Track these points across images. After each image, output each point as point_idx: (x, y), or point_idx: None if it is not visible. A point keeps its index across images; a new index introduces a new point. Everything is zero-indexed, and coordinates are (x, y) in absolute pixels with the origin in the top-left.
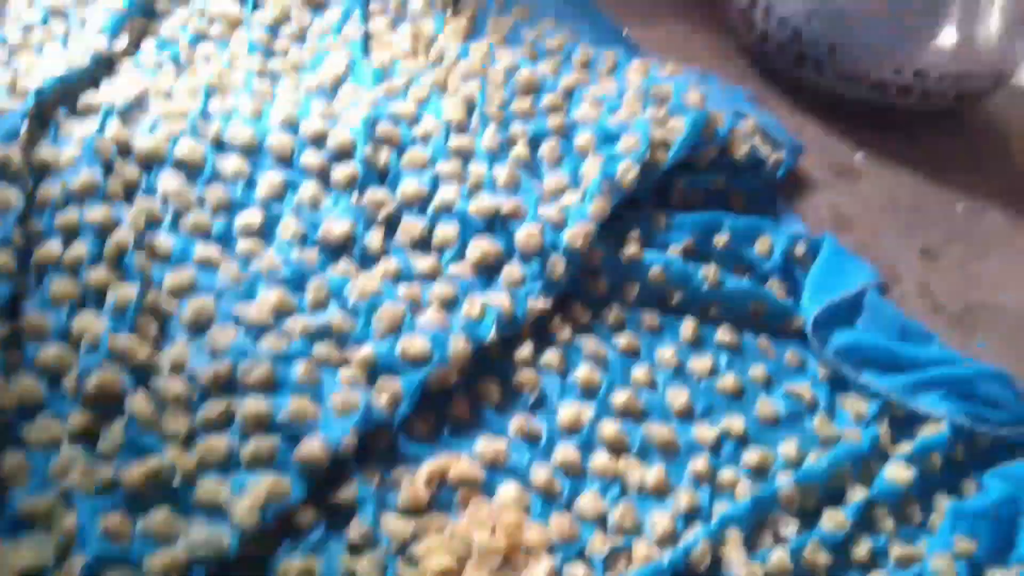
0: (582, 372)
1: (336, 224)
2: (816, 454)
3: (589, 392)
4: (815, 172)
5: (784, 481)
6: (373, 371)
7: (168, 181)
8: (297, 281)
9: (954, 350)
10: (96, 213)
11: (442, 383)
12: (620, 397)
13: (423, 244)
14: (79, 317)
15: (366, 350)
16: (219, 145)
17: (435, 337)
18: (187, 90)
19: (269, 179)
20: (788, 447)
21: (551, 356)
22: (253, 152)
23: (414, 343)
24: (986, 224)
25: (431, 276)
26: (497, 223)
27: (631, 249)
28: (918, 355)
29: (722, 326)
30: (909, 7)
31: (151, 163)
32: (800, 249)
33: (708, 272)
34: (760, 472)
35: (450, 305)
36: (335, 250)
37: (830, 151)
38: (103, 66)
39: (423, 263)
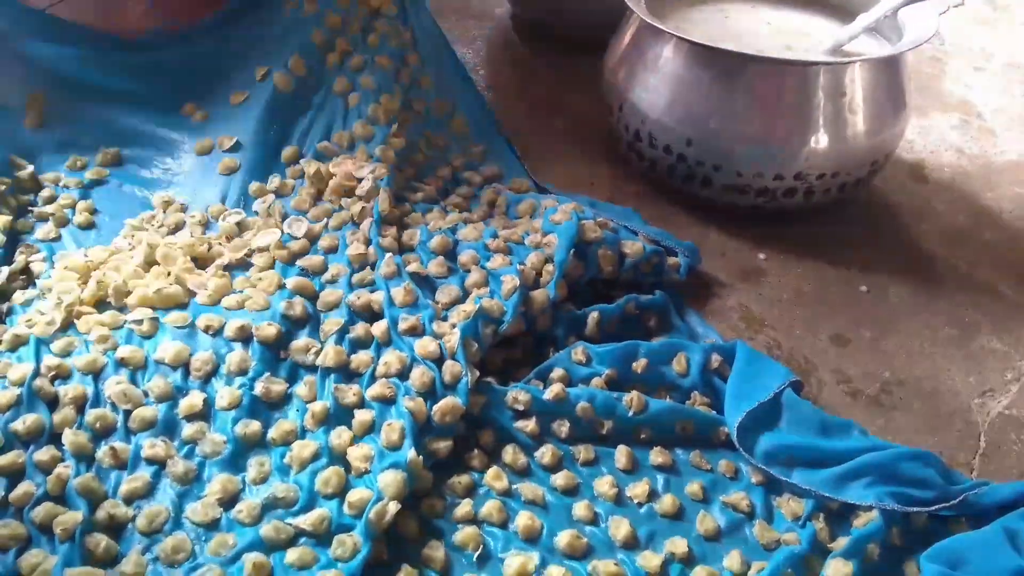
0: (522, 520)
1: (274, 385)
2: (759, 563)
3: (532, 539)
4: (722, 277)
5: None
6: (328, 532)
7: (112, 386)
8: (240, 460)
9: (875, 433)
10: (42, 453)
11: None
12: (563, 539)
13: (345, 371)
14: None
15: (318, 513)
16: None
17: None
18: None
19: (201, 358)
20: (732, 560)
21: (490, 508)
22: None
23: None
24: (891, 301)
25: (355, 406)
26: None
27: (555, 389)
28: (840, 447)
29: (654, 449)
30: (777, 123)
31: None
32: (715, 360)
33: (632, 399)
34: None
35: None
36: (274, 405)
37: (733, 256)
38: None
39: (348, 395)
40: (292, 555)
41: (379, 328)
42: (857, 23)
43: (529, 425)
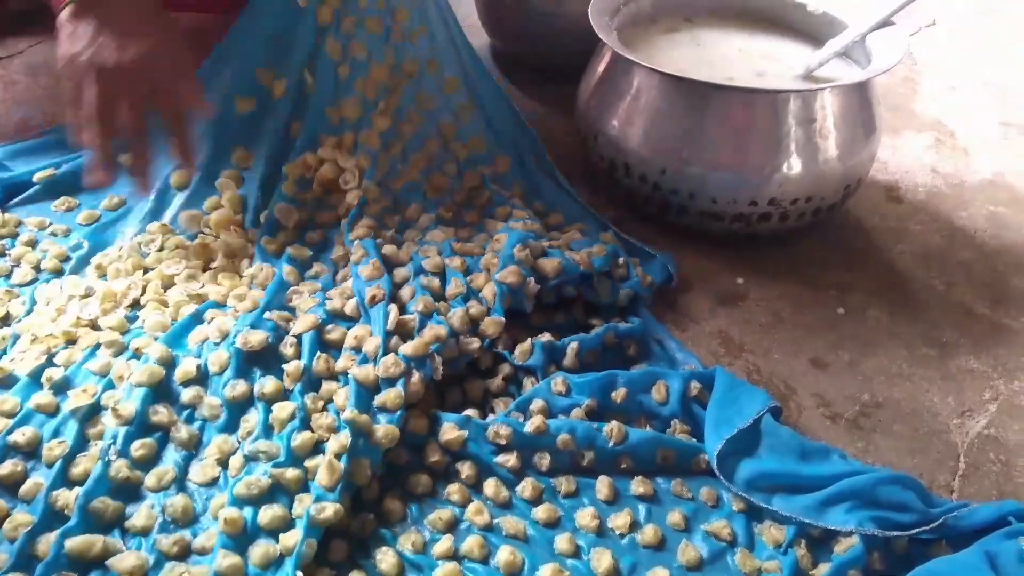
0: (504, 554)
1: (252, 335)
2: None
3: (513, 574)
4: (701, 303)
5: None
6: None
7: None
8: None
9: (855, 456)
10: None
11: None
12: (545, 573)
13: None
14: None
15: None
16: None
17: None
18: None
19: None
20: None
21: (471, 543)
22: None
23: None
24: (869, 323)
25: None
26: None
27: (536, 422)
28: (820, 472)
29: (635, 478)
30: (749, 150)
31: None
32: (695, 387)
33: (612, 429)
34: None
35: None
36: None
37: (711, 281)
38: None
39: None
40: (264, 515)
41: (351, 306)
42: (827, 48)
43: (511, 460)
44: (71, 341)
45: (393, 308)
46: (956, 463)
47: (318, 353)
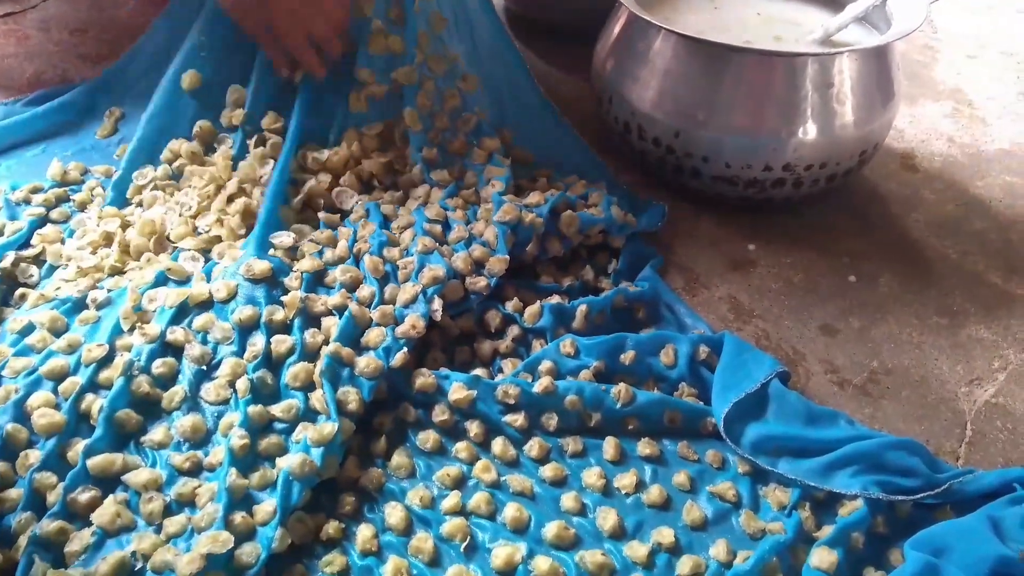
0: (510, 511)
1: (256, 264)
2: (745, 552)
3: (519, 530)
4: (712, 268)
5: None
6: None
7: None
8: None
9: (863, 422)
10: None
11: None
12: (551, 530)
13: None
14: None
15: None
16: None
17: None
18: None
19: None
20: (718, 549)
21: (478, 499)
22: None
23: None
24: (880, 290)
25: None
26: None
27: (544, 382)
28: (826, 436)
29: (642, 440)
30: (765, 114)
31: None
32: (703, 351)
33: (619, 391)
34: None
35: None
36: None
37: (723, 246)
38: None
39: (317, 304)
40: (262, 443)
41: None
42: (846, 13)
43: (518, 419)
44: (115, 272)
45: (372, 258)
46: (963, 430)
47: (315, 291)
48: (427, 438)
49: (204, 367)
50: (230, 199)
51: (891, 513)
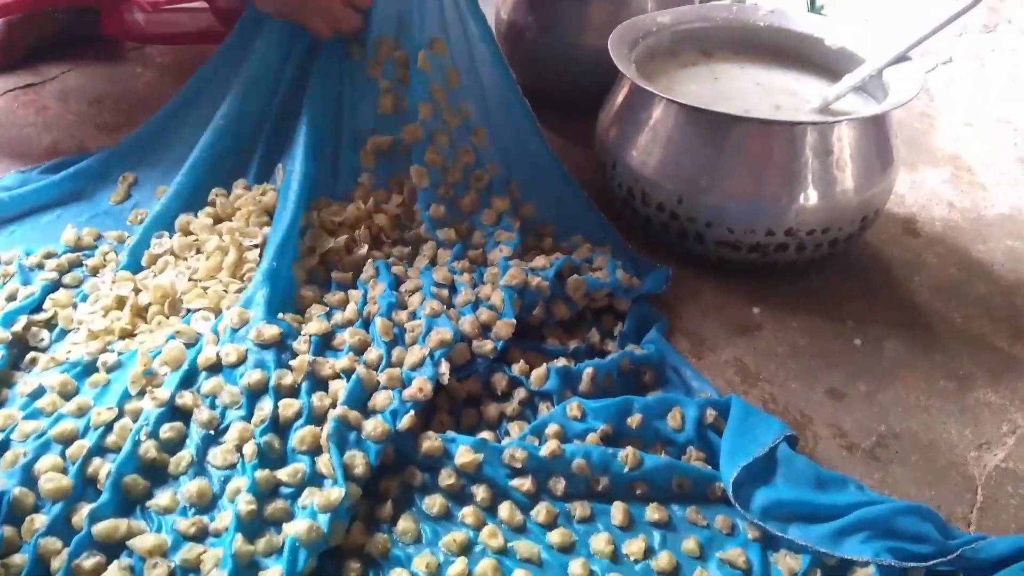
0: None
1: (266, 330)
2: None
3: None
4: (717, 332)
5: None
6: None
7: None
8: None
9: (872, 487)
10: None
11: None
12: None
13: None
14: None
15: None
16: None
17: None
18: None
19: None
20: None
21: (485, 566)
22: None
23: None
24: (886, 354)
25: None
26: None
27: (551, 446)
28: (836, 502)
29: (650, 505)
30: (766, 181)
31: None
32: (710, 415)
33: (627, 455)
34: None
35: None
36: (268, 346)
37: (728, 310)
38: None
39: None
40: (268, 508)
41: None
42: (844, 82)
43: (526, 484)
44: (125, 336)
45: (383, 320)
46: (974, 495)
47: (323, 354)
48: (433, 503)
49: (212, 431)
50: (240, 261)
51: None
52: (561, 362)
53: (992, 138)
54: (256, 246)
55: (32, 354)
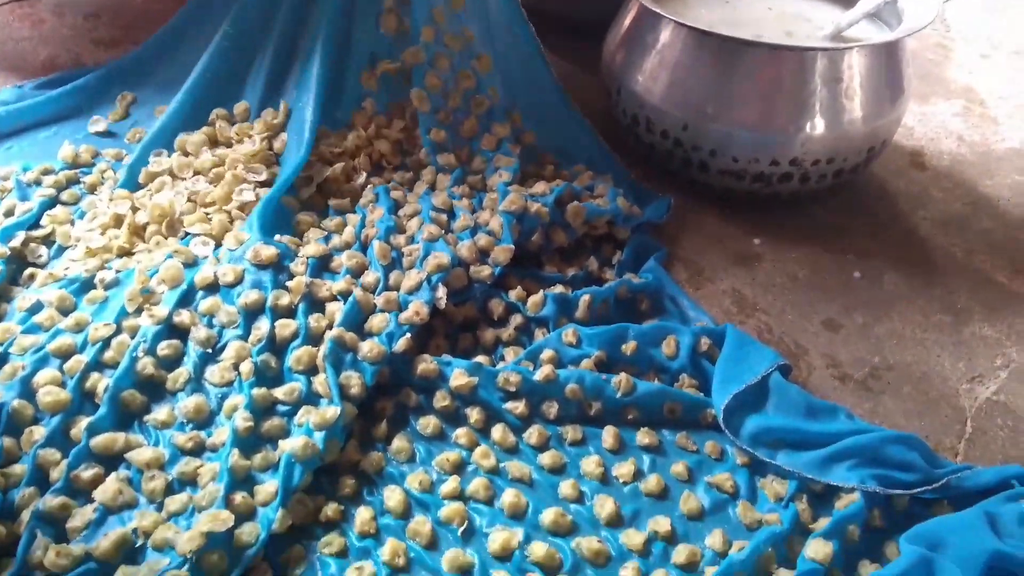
0: (508, 497)
1: (263, 250)
2: (740, 542)
3: (517, 515)
4: (716, 263)
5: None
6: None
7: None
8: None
9: (863, 417)
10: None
11: None
12: (548, 516)
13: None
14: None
15: (294, 386)
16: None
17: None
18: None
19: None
20: (714, 539)
21: (476, 485)
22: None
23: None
24: (885, 287)
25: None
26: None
27: (545, 371)
28: (826, 430)
29: (641, 430)
30: (773, 109)
31: None
32: (705, 343)
33: (620, 380)
34: (689, 568)
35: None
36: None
37: (728, 241)
38: None
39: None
40: (265, 425)
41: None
42: (857, 9)
43: (519, 407)
44: (123, 254)
45: (381, 244)
46: (963, 427)
47: (320, 277)
48: (428, 423)
49: (209, 350)
50: (238, 188)
51: (888, 507)
52: (558, 289)
53: (1008, 71)
54: (262, 183)
55: (30, 270)
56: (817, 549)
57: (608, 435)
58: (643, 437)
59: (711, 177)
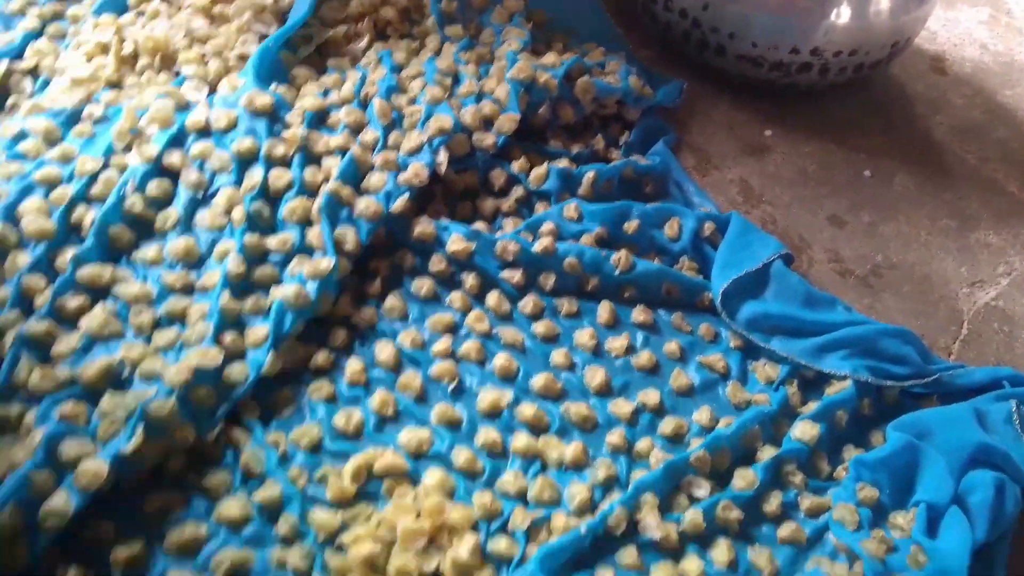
0: (500, 360)
1: (258, 98)
2: (728, 419)
3: (507, 378)
4: (726, 151)
5: (696, 447)
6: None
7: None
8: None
9: (860, 312)
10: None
11: None
12: (538, 381)
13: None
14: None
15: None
16: None
17: None
18: None
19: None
20: (702, 415)
21: (469, 347)
22: None
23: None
24: (894, 188)
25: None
26: None
27: (544, 242)
28: (823, 319)
29: (637, 307)
30: None
31: None
32: (708, 228)
33: (620, 257)
34: (675, 440)
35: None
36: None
37: (740, 130)
38: None
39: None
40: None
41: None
42: None
43: (516, 276)
44: (112, 85)
45: (381, 102)
46: (959, 329)
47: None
48: (422, 285)
49: (200, 194)
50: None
51: (878, 398)
52: (563, 163)
53: None
54: (265, 38)
55: (13, 98)
56: (804, 430)
57: (603, 310)
58: (638, 314)
59: (727, 62)
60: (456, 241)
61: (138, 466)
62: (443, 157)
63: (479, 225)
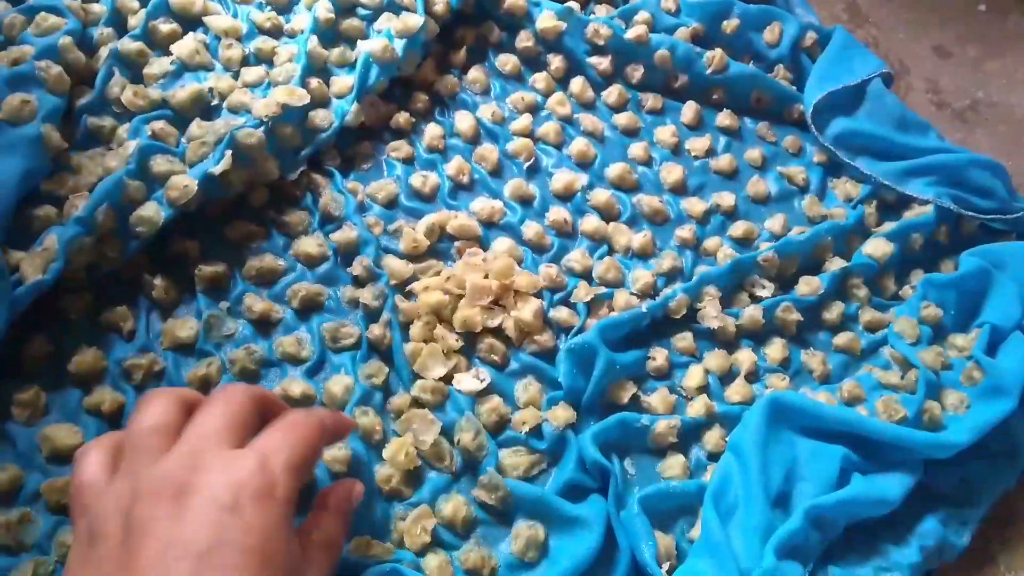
0: (577, 145)
1: None
2: (801, 229)
3: (584, 164)
4: None
5: (765, 249)
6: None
7: None
8: None
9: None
10: None
11: None
12: (614, 170)
13: None
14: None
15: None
16: None
17: None
18: None
19: None
20: (775, 222)
21: (547, 128)
22: None
23: None
24: (1007, 25)
25: None
26: None
27: (638, 30)
28: (914, 144)
29: (723, 111)
30: None
31: None
32: (810, 38)
33: (713, 57)
34: (744, 242)
35: None
36: None
37: None
38: None
39: None
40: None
41: None
42: None
43: (603, 63)
44: None
45: None
46: None
47: None
48: (507, 61)
49: None
50: None
51: (956, 227)
52: None
53: None
54: None
55: None
56: (876, 246)
57: (688, 110)
58: (724, 119)
59: None
60: (546, 18)
61: (224, 191)
62: None
63: (572, 2)
